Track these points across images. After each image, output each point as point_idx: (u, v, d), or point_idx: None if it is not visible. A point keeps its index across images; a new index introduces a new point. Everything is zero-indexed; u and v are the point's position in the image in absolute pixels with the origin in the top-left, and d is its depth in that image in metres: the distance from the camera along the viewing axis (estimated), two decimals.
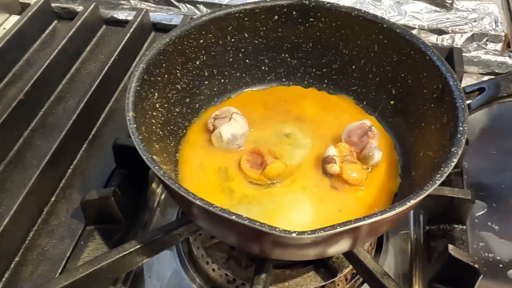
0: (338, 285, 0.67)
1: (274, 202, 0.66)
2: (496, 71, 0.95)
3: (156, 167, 0.53)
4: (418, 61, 0.69)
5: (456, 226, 0.71)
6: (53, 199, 0.75)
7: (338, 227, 0.48)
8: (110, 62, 0.91)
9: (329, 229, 0.48)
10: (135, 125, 0.58)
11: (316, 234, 0.47)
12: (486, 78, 0.94)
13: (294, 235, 0.47)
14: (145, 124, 0.63)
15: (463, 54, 0.93)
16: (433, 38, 0.97)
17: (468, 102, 0.61)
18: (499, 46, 0.96)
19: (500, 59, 0.95)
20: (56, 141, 0.76)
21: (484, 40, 0.95)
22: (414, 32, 0.95)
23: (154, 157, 0.62)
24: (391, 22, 0.72)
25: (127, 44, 0.97)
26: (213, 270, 0.68)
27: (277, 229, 0.47)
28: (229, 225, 0.51)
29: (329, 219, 0.64)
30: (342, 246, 0.55)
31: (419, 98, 0.69)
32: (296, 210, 0.66)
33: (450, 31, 0.96)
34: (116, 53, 0.93)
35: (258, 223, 0.48)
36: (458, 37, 0.96)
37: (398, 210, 0.49)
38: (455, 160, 0.54)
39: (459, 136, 0.56)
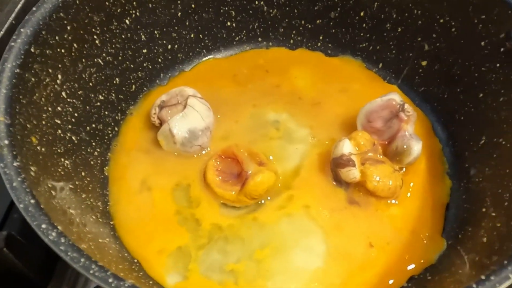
0: None
1: (263, 235, 0.45)
2: None
3: (61, 247, 0.28)
4: None
5: None
6: None
7: None
8: None
9: None
10: (9, 138, 0.32)
11: None
12: None
13: None
14: (37, 130, 0.37)
15: None
16: None
17: None
18: None
19: None
20: None
21: None
22: None
23: (66, 191, 0.37)
24: None
25: None
26: None
27: None
28: None
29: (358, 262, 0.41)
30: None
31: (473, 54, 0.47)
32: (300, 246, 0.43)
33: None
34: None
35: None
36: None
37: None
38: None
39: None
